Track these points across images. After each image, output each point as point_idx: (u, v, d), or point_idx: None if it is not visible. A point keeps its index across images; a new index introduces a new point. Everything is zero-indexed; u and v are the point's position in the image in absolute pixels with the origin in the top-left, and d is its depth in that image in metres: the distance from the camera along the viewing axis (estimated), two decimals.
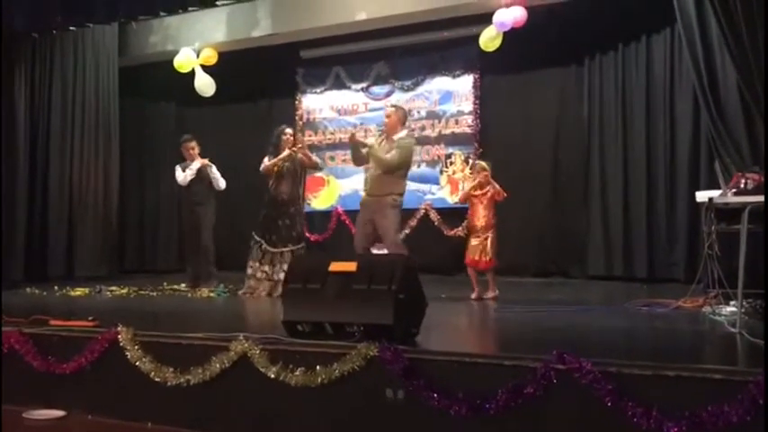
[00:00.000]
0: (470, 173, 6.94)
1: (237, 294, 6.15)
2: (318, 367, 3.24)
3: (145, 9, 7.95)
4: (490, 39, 6.80)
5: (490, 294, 5.61)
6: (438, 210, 8.22)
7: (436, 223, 8.18)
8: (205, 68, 7.91)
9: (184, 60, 7.79)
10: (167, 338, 3.73)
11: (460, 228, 7.66)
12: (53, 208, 7.99)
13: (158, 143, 9.40)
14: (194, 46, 7.94)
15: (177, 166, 6.83)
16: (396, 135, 5.61)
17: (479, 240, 5.65)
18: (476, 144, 8.07)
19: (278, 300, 5.12)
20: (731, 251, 4.17)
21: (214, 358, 3.48)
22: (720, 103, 5.21)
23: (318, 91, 8.96)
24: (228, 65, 7.91)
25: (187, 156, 6.81)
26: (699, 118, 6.27)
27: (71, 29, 8.14)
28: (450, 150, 8.27)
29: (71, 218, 8.03)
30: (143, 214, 9.43)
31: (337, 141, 8.76)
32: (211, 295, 6.18)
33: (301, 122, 9.01)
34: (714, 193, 4.29)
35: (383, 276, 3.38)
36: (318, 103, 9.01)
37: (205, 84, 7.91)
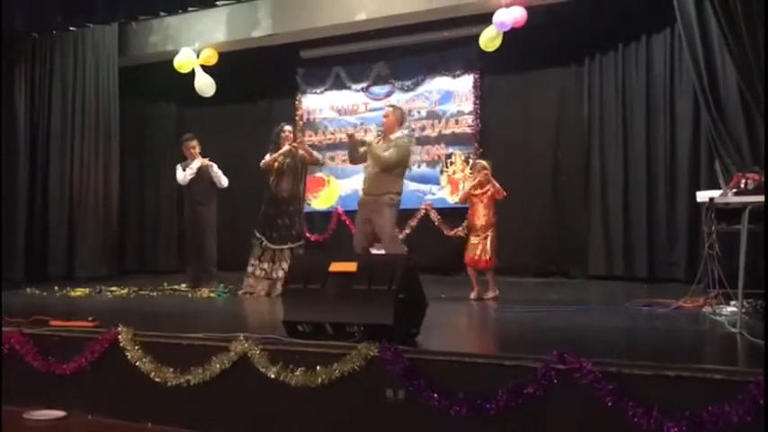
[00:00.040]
0: (471, 173, 6.93)
1: (237, 294, 6.15)
2: (319, 367, 3.24)
3: (145, 9, 7.94)
4: (490, 39, 6.80)
5: (490, 294, 5.61)
6: (438, 210, 8.22)
7: (436, 223, 8.18)
8: (205, 68, 7.91)
9: (184, 60, 7.79)
10: (167, 339, 3.73)
11: (461, 228, 7.65)
12: (53, 208, 7.98)
13: (158, 143, 9.41)
14: (194, 46, 7.94)
15: (178, 166, 6.84)
16: (393, 135, 5.65)
17: (479, 239, 5.65)
18: (476, 144, 8.08)
19: (278, 300, 5.12)
20: (731, 251, 4.17)
21: (214, 358, 3.48)
22: (720, 103, 5.21)
23: (318, 91, 8.96)
24: (228, 65, 7.90)
25: (188, 155, 6.81)
26: (699, 118, 6.26)
27: (71, 29, 8.13)
28: (450, 150, 8.27)
29: (71, 218, 8.02)
30: (143, 214, 9.43)
31: (337, 141, 8.75)
32: (211, 295, 6.18)
33: (301, 122, 9.01)
34: (714, 193, 4.29)
35: (383, 276, 3.38)
36: (318, 104, 9.01)
37: (205, 84, 7.91)
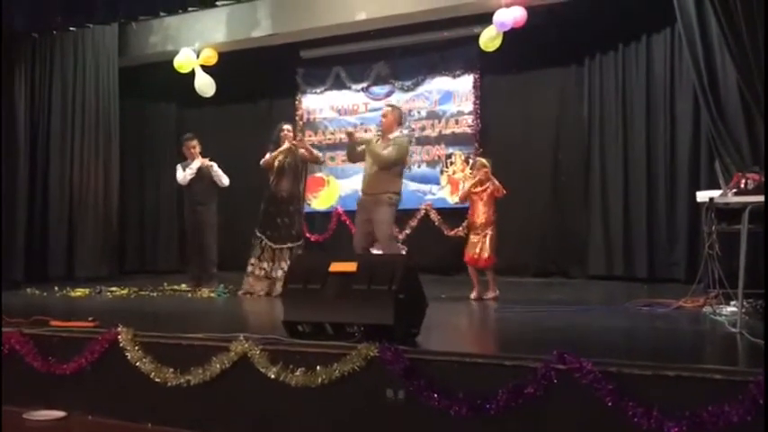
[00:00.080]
0: (471, 173, 6.94)
1: (237, 295, 6.15)
2: (319, 368, 3.24)
3: (145, 9, 7.94)
4: (490, 39, 6.80)
5: (490, 294, 5.61)
6: (438, 210, 8.23)
7: (436, 223, 8.19)
8: (205, 69, 7.90)
9: (184, 61, 7.79)
10: (167, 339, 3.73)
11: (461, 228, 7.65)
12: (53, 208, 7.98)
13: (158, 143, 9.42)
14: (194, 46, 7.94)
15: (178, 166, 6.84)
16: (392, 134, 5.69)
17: (479, 237, 5.65)
18: (476, 144, 8.08)
19: (278, 300, 5.12)
20: (731, 251, 4.17)
21: (214, 359, 3.48)
22: (720, 103, 5.21)
23: (318, 91, 8.96)
24: (228, 65, 7.90)
25: (188, 154, 6.81)
26: (699, 118, 6.27)
27: (71, 29, 8.12)
28: (450, 150, 8.27)
29: (71, 218, 8.02)
30: (143, 215, 9.43)
31: (337, 141, 8.75)
32: (212, 296, 6.18)
33: (301, 122, 9.01)
34: (714, 193, 4.29)
35: (383, 276, 3.38)
36: (318, 104, 9.01)
37: (205, 84, 7.91)
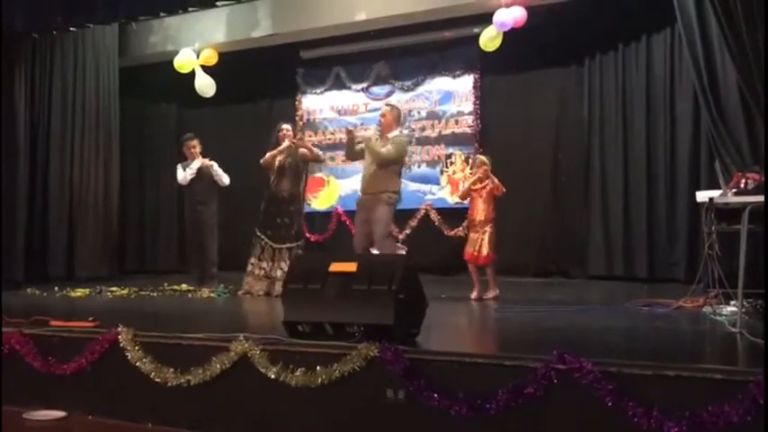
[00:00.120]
0: (471, 172, 6.95)
1: (237, 295, 6.15)
2: (319, 368, 3.24)
3: (145, 9, 7.93)
4: (490, 39, 6.80)
5: (490, 294, 5.61)
6: (438, 210, 8.23)
7: (437, 223, 8.19)
8: (205, 69, 7.91)
9: (185, 61, 7.79)
10: (168, 339, 3.72)
11: (461, 228, 7.66)
12: (53, 208, 7.98)
13: (158, 143, 9.43)
14: (194, 46, 7.94)
15: (178, 165, 6.84)
16: (391, 134, 5.70)
17: (478, 234, 5.66)
18: (476, 144, 8.08)
19: (278, 300, 5.12)
20: (731, 251, 4.18)
21: (214, 359, 3.47)
22: (720, 103, 5.21)
23: (318, 91, 8.97)
24: (229, 65, 7.91)
25: (188, 154, 6.81)
26: (699, 118, 6.27)
27: (71, 29, 8.12)
28: (450, 150, 8.28)
29: (71, 218, 8.02)
30: (143, 215, 9.44)
31: (337, 142, 8.75)
32: (212, 296, 6.18)
33: (301, 123, 9.01)
34: (714, 193, 4.29)
35: (383, 276, 3.38)
36: (318, 104, 9.01)
37: (205, 84, 7.92)
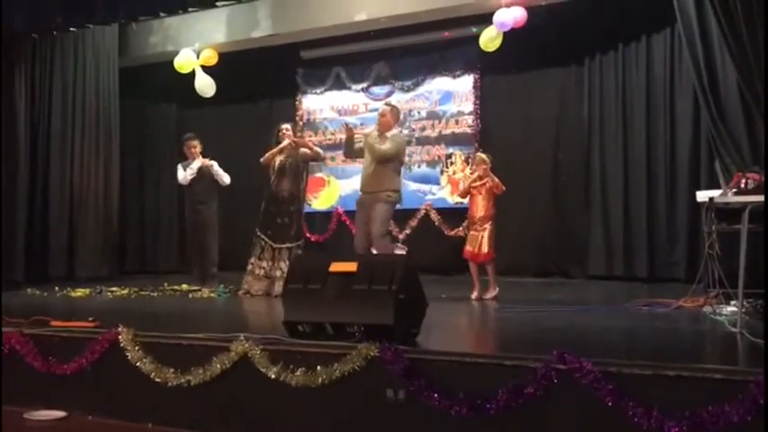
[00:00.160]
0: (471, 170, 6.95)
1: (238, 295, 6.15)
2: (319, 367, 3.24)
3: (145, 10, 7.95)
4: (490, 39, 6.81)
5: (491, 294, 5.62)
6: (438, 210, 8.24)
7: (437, 223, 8.19)
8: (205, 69, 7.92)
9: (185, 61, 7.79)
10: (168, 339, 3.72)
11: (461, 228, 7.67)
12: (54, 208, 7.99)
13: (159, 144, 9.43)
14: (194, 46, 7.95)
15: (179, 165, 6.84)
16: (390, 133, 5.73)
17: (478, 232, 5.66)
18: (476, 144, 8.08)
19: (278, 300, 5.12)
20: (731, 251, 4.17)
21: (215, 359, 3.47)
22: (720, 103, 5.21)
23: (319, 91, 8.97)
24: (229, 65, 7.91)
25: (189, 154, 6.81)
26: (699, 118, 6.28)
27: (71, 29, 8.13)
28: (450, 150, 8.28)
29: (72, 218, 8.02)
30: (143, 215, 9.45)
31: (337, 142, 8.74)
32: (212, 296, 6.18)
33: (302, 123, 9.01)
34: (714, 193, 4.29)
35: (383, 276, 3.38)
36: (319, 104, 9.02)
37: (205, 84, 7.92)
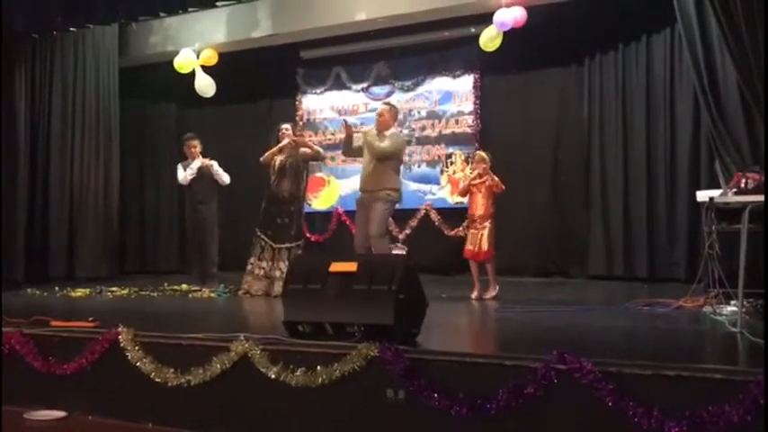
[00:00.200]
0: (471, 170, 6.96)
1: (237, 295, 6.15)
2: (319, 367, 3.24)
3: (145, 10, 7.94)
4: (490, 39, 6.80)
5: (491, 293, 5.62)
6: (438, 210, 8.23)
7: (437, 223, 8.19)
8: (205, 69, 7.91)
9: (185, 61, 7.79)
10: (168, 339, 3.72)
11: (461, 228, 7.66)
12: (54, 208, 7.98)
13: (159, 144, 9.43)
14: (194, 46, 7.95)
15: (179, 165, 6.84)
16: (388, 132, 5.74)
17: (478, 231, 5.67)
18: (476, 144, 8.07)
19: (278, 300, 5.12)
20: (732, 251, 4.18)
21: (215, 359, 3.47)
22: (720, 103, 5.21)
23: (319, 91, 8.97)
24: (229, 65, 7.91)
25: (189, 154, 6.81)
26: (699, 118, 6.28)
27: (71, 29, 8.12)
28: (450, 150, 8.28)
29: (72, 218, 8.02)
30: (143, 215, 9.44)
31: (337, 141, 8.72)
32: (212, 296, 6.18)
33: (302, 123, 9.01)
34: (714, 193, 4.30)
35: (383, 276, 3.38)
36: (319, 104, 9.02)
37: (205, 84, 7.92)
